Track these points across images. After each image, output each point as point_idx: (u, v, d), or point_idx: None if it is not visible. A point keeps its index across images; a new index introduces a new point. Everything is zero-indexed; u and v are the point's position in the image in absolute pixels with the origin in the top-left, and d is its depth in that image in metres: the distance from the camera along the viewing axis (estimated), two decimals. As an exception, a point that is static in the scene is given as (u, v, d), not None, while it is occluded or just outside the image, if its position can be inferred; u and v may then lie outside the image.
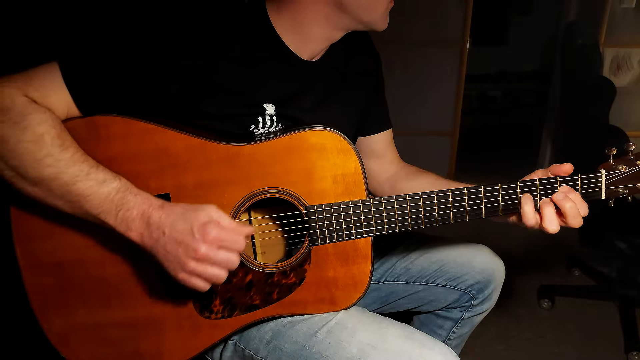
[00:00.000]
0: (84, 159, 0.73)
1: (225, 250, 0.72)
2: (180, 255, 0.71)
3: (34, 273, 0.82)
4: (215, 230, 0.71)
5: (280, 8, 0.85)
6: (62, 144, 0.72)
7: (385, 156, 1.11)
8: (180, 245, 0.71)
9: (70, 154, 0.72)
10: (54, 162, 0.70)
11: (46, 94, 0.74)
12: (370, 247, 0.87)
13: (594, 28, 2.68)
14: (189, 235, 0.71)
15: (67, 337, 0.85)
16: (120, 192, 0.73)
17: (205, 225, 0.71)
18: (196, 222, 0.71)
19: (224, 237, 0.71)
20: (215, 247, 0.71)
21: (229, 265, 0.73)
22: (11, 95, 0.71)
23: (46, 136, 0.71)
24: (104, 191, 0.72)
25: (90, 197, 0.71)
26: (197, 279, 0.73)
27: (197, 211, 0.72)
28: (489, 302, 1.09)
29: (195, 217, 0.71)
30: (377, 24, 0.87)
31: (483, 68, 5.00)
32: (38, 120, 0.71)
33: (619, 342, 1.80)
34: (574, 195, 0.82)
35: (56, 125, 0.73)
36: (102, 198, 0.72)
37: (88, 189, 0.71)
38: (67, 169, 0.71)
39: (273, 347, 0.88)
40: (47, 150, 0.70)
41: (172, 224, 0.71)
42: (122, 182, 0.74)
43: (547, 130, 3.28)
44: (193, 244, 0.70)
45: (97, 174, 0.72)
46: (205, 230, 0.70)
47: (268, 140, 0.82)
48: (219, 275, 0.73)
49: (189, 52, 0.79)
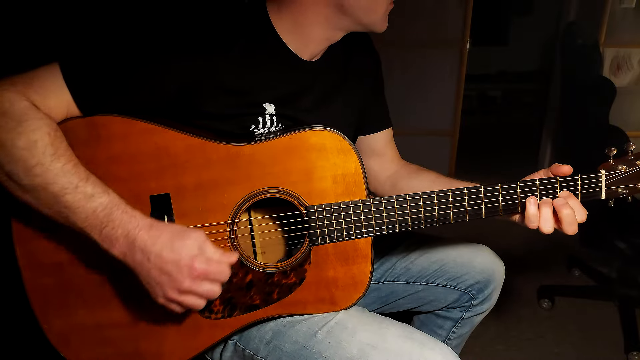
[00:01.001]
0: (74, 170, 0.72)
1: (209, 282, 0.73)
2: (164, 285, 0.72)
3: (34, 273, 0.82)
4: (202, 264, 0.71)
5: (280, 8, 0.85)
6: (55, 153, 0.71)
7: (386, 155, 1.11)
8: (165, 274, 0.71)
9: (62, 165, 0.71)
10: (44, 172, 0.70)
11: (46, 95, 0.74)
12: (370, 247, 0.87)
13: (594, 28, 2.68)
14: (175, 268, 0.71)
15: (67, 337, 0.85)
16: (106, 208, 0.72)
17: (194, 259, 0.71)
18: (184, 255, 0.71)
19: (210, 271, 0.72)
20: (200, 280, 0.72)
21: (210, 296, 0.74)
22: (11, 100, 0.71)
23: (39, 143, 0.70)
24: (90, 206, 0.71)
25: (77, 211, 0.71)
26: (175, 305, 0.75)
27: (185, 241, 0.72)
28: (489, 302, 1.09)
29: (183, 248, 0.71)
30: (376, 26, 0.87)
31: (483, 68, 5.00)
32: (34, 126, 0.70)
33: (619, 342, 1.80)
34: (573, 202, 0.83)
35: (51, 132, 0.72)
36: (89, 213, 0.71)
37: (75, 202, 0.71)
38: (57, 180, 0.70)
39: (273, 347, 0.88)
40: (39, 158, 0.70)
41: (158, 253, 0.71)
42: (110, 197, 0.73)
43: (547, 130, 3.28)
44: (178, 276, 0.71)
45: (85, 187, 0.71)
46: (193, 265, 0.71)
47: (268, 140, 0.82)
48: (198, 304, 0.74)
49: (189, 52, 0.79)
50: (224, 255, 0.74)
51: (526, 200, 0.84)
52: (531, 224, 0.83)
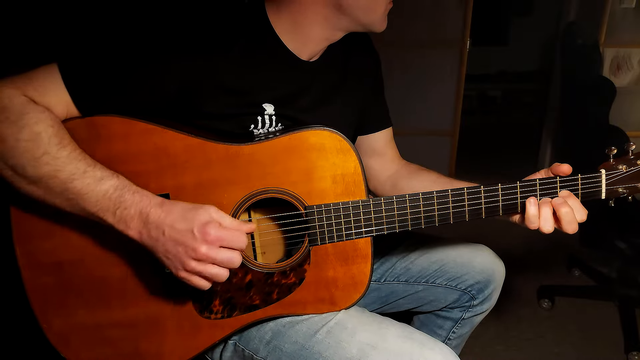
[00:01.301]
0: (81, 157, 0.73)
1: (227, 249, 0.72)
2: (181, 255, 0.71)
3: (34, 273, 0.82)
4: (215, 230, 0.71)
5: (279, 9, 0.85)
6: (60, 142, 0.72)
7: (386, 155, 1.11)
8: (180, 245, 0.71)
9: (68, 152, 0.72)
10: (52, 160, 0.71)
11: (45, 94, 0.74)
12: (370, 247, 0.87)
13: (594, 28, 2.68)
14: (189, 235, 0.70)
15: (67, 337, 0.85)
16: (117, 190, 0.72)
17: (206, 225, 0.71)
18: (196, 222, 0.71)
19: (224, 237, 0.71)
20: (216, 246, 0.71)
21: (231, 264, 0.73)
22: (10, 95, 0.71)
23: (43, 134, 0.71)
24: (101, 189, 0.72)
25: (87, 195, 0.71)
26: (197, 278, 0.73)
27: (197, 210, 0.72)
28: (489, 302, 1.09)
29: (195, 216, 0.71)
30: (375, 26, 0.87)
31: (483, 68, 5.00)
32: (36, 119, 0.71)
33: (619, 342, 1.80)
34: (572, 201, 0.83)
35: (54, 124, 0.73)
36: (100, 196, 0.72)
37: (85, 187, 0.71)
38: (65, 167, 0.71)
39: (273, 347, 0.88)
40: (45, 148, 0.70)
41: (171, 224, 0.71)
42: (119, 179, 0.73)
43: (547, 130, 3.28)
44: (193, 244, 0.70)
45: (94, 171, 0.72)
46: (205, 230, 0.70)
47: (268, 140, 0.82)
48: (220, 274, 0.73)
49: (189, 52, 0.79)
50: (240, 224, 0.74)
51: (526, 200, 0.84)
52: (531, 224, 0.83)
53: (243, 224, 0.74)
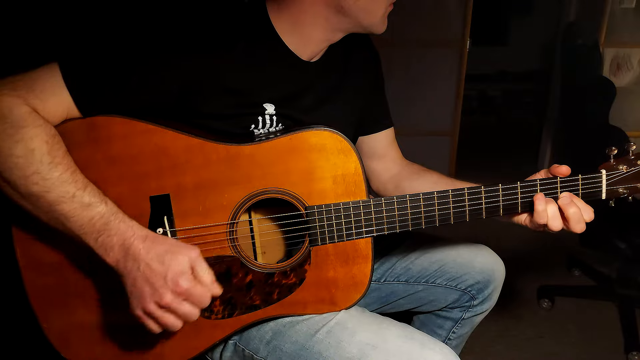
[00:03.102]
0: (72, 179, 0.72)
1: (190, 304, 0.73)
2: (145, 294, 0.72)
3: (34, 273, 0.82)
4: (187, 283, 0.71)
5: (280, 9, 0.85)
6: (52, 161, 0.71)
7: (388, 155, 1.11)
8: (149, 285, 0.71)
9: (59, 173, 0.71)
10: (41, 180, 0.70)
11: (47, 99, 0.74)
12: (370, 248, 0.87)
13: (594, 28, 2.68)
14: (161, 281, 0.71)
15: (67, 337, 0.85)
16: (103, 217, 0.72)
17: (179, 275, 0.71)
18: (172, 269, 0.71)
19: (193, 293, 0.72)
20: (181, 298, 0.72)
21: (188, 319, 0.73)
22: (10, 106, 0.71)
23: (37, 152, 0.70)
24: (87, 215, 0.72)
25: (73, 219, 0.72)
26: (150, 321, 0.74)
27: (176, 256, 0.72)
28: (489, 302, 1.09)
29: (172, 262, 0.71)
30: (375, 28, 0.87)
31: (483, 68, 5.00)
32: (31, 134, 0.70)
33: (619, 342, 1.80)
34: (578, 201, 0.83)
35: (49, 139, 0.72)
36: (85, 222, 0.72)
37: (72, 211, 0.71)
38: (53, 189, 0.70)
39: (273, 347, 0.88)
40: (36, 167, 0.70)
41: (148, 262, 0.71)
42: (107, 207, 0.73)
43: (547, 130, 3.28)
44: (161, 289, 0.71)
45: (82, 196, 0.72)
46: (177, 281, 0.71)
47: (268, 141, 0.82)
48: (174, 325, 0.73)
49: (190, 52, 0.79)
50: (212, 282, 0.74)
51: (534, 197, 0.84)
52: (541, 220, 0.83)
53: (214, 285, 0.74)
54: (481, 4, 3.04)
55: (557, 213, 0.83)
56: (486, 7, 4.02)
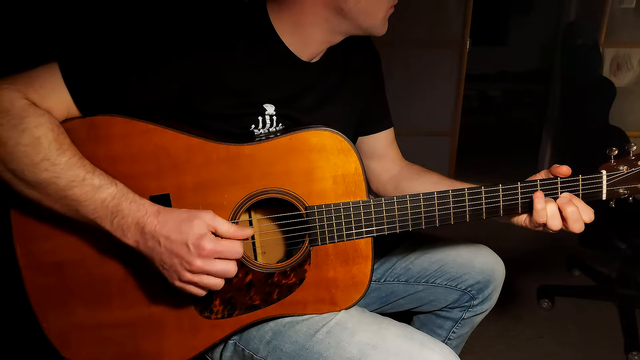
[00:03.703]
0: (80, 163, 0.72)
1: (222, 260, 0.73)
2: (176, 266, 0.72)
3: (34, 273, 0.82)
4: (210, 243, 0.72)
5: (281, 9, 0.85)
6: (59, 148, 0.71)
7: (387, 155, 1.11)
8: (175, 257, 0.72)
9: (67, 158, 0.72)
10: (51, 166, 0.70)
11: (46, 95, 0.74)
12: (370, 248, 0.87)
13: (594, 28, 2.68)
14: (184, 249, 0.71)
15: (68, 337, 0.85)
16: (115, 198, 0.72)
17: (201, 238, 0.71)
18: (191, 235, 0.71)
19: (219, 249, 0.72)
20: (211, 259, 0.72)
21: (225, 275, 0.74)
22: (10, 98, 0.71)
23: (43, 139, 0.70)
24: (99, 197, 0.72)
25: (86, 203, 0.72)
26: (193, 287, 0.75)
27: (192, 222, 0.72)
28: (489, 302, 1.09)
29: (190, 229, 0.72)
30: (376, 30, 0.87)
31: (483, 68, 4.99)
32: (36, 123, 0.71)
33: (619, 342, 1.80)
34: (577, 201, 0.83)
35: (54, 128, 0.72)
36: (98, 204, 0.72)
37: (84, 194, 0.71)
38: (64, 174, 0.71)
39: (273, 347, 0.88)
40: (44, 154, 0.70)
41: (167, 235, 0.72)
42: (118, 188, 0.73)
43: (547, 130, 3.28)
44: (188, 257, 0.71)
45: (93, 179, 0.72)
46: (200, 244, 0.71)
47: (268, 141, 0.82)
48: (215, 284, 0.74)
49: (190, 52, 0.79)
50: (236, 231, 0.74)
51: (534, 195, 0.84)
52: (540, 218, 0.83)
53: (239, 230, 0.75)
54: (481, 4, 3.04)
55: (557, 212, 0.83)
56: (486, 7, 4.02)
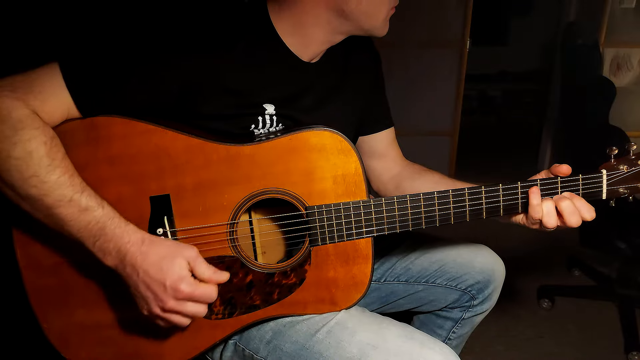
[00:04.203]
0: (70, 182, 0.72)
1: (195, 303, 0.74)
2: (149, 299, 0.73)
3: (34, 273, 0.82)
4: (188, 287, 0.72)
5: (281, 9, 0.85)
6: (50, 164, 0.71)
7: (388, 155, 1.11)
8: (151, 292, 0.73)
9: (57, 177, 0.71)
10: (39, 183, 0.70)
11: (46, 98, 0.74)
12: (370, 248, 0.87)
13: (594, 28, 2.68)
14: (161, 287, 0.72)
15: (68, 337, 0.85)
16: (100, 222, 0.72)
17: (179, 281, 0.72)
18: (170, 276, 0.72)
19: (196, 294, 0.73)
20: (185, 301, 0.73)
21: (195, 317, 0.76)
22: (9, 107, 0.70)
23: (34, 154, 0.70)
24: (84, 219, 0.72)
25: (71, 223, 0.72)
26: (159, 320, 0.76)
27: (174, 260, 0.73)
28: (489, 302, 1.09)
29: (170, 269, 0.72)
30: (377, 31, 0.87)
31: (483, 68, 5.00)
32: (29, 136, 0.70)
33: (619, 342, 1.80)
34: (577, 201, 0.83)
35: (47, 141, 0.71)
36: (82, 226, 0.72)
37: (69, 215, 0.72)
38: (51, 192, 0.71)
39: (273, 347, 0.88)
40: (34, 170, 0.70)
41: (146, 270, 0.72)
42: (104, 211, 0.73)
43: (547, 130, 3.28)
44: (163, 296, 0.72)
45: (80, 200, 0.72)
46: (177, 288, 0.72)
47: (268, 141, 0.82)
48: (181, 323, 0.76)
49: (190, 52, 0.79)
50: (213, 274, 0.75)
51: (529, 190, 0.84)
52: (536, 214, 0.83)
53: (217, 275, 0.76)
54: (481, 4, 3.04)
55: (553, 210, 0.83)
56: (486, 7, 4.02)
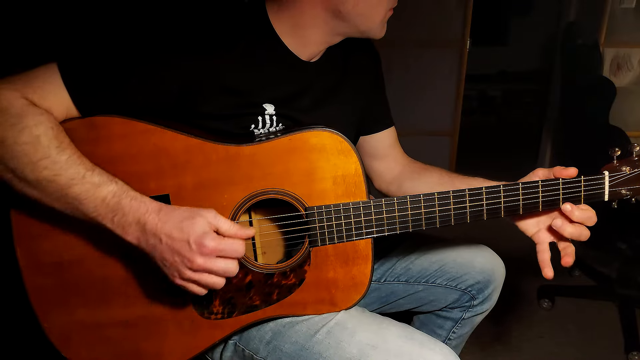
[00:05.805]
0: (80, 161, 0.72)
1: (224, 259, 0.73)
2: (178, 264, 0.72)
3: (34, 273, 0.82)
4: (212, 242, 0.71)
5: (280, 10, 0.85)
6: (59, 146, 0.71)
7: (389, 155, 1.11)
8: (177, 254, 0.71)
9: (67, 156, 0.71)
10: (51, 164, 0.70)
11: (45, 96, 0.74)
12: (370, 248, 0.87)
13: (594, 28, 2.68)
14: (186, 247, 0.71)
15: (68, 337, 0.85)
16: (115, 196, 0.72)
17: (202, 237, 0.71)
18: (193, 233, 0.71)
19: (221, 247, 0.72)
20: (212, 257, 0.72)
21: (227, 274, 0.74)
22: (8, 98, 0.71)
23: (43, 138, 0.70)
24: (99, 195, 0.72)
25: (86, 201, 0.71)
26: (194, 286, 0.74)
27: (194, 220, 0.72)
28: (489, 302, 1.09)
29: (192, 227, 0.71)
30: (373, 33, 0.87)
31: (483, 68, 5.00)
32: (35, 121, 0.70)
33: (619, 342, 1.80)
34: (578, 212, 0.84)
35: (54, 126, 0.72)
36: (98, 202, 0.72)
37: (84, 192, 0.71)
38: (64, 172, 0.71)
39: (273, 348, 0.88)
40: (44, 152, 0.70)
41: (168, 233, 0.71)
42: (118, 185, 0.73)
43: (547, 130, 3.28)
44: (190, 255, 0.71)
45: (92, 177, 0.72)
46: (201, 242, 0.70)
47: (268, 141, 0.82)
48: (216, 283, 0.74)
49: (189, 52, 0.79)
50: (238, 230, 0.74)
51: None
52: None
53: (241, 230, 0.75)
54: (481, 4, 3.03)
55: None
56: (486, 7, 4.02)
